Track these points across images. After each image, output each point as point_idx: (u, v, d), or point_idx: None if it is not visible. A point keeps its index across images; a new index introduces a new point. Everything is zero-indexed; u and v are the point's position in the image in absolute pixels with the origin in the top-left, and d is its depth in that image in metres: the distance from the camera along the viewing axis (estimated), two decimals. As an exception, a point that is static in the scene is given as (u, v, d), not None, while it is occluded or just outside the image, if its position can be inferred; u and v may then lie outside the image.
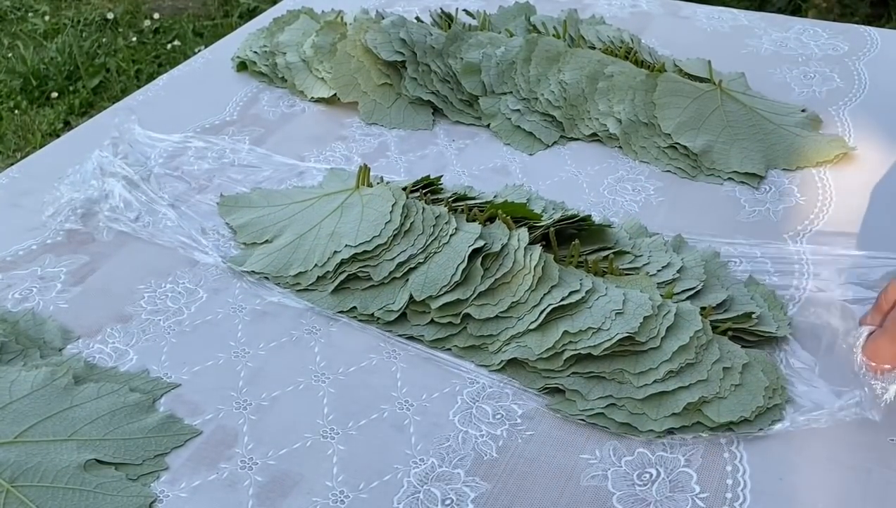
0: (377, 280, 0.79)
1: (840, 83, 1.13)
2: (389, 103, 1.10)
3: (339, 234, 0.83)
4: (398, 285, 0.79)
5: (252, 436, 0.69)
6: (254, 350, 0.77)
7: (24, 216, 0.92)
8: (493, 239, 0.78)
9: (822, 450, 0.67)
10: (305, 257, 0.82)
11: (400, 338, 0.77)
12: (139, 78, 2.87)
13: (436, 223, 0.81)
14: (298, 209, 0.88)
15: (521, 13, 1.22)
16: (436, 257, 0.78)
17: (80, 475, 0.64)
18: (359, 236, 0.81)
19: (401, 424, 0.70)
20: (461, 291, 0.76)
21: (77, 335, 0.78)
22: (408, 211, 0.82)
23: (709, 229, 0.89)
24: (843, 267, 0.83)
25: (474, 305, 0.76)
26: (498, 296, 0.75)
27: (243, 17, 3.19)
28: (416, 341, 0.77)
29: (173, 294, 0.83)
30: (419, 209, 0.82)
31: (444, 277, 0.76)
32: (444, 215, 0.81)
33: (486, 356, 0.74)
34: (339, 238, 0.82)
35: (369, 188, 0.87)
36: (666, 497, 0.64)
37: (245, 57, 1.18)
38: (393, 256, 0.80)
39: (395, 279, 0.79)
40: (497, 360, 0.74)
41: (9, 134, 2.62)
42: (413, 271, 0.78)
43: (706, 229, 0.89)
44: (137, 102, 1.13)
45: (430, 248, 0.79)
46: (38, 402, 0.69)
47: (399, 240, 0.81)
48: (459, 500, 0.64)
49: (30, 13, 3.26)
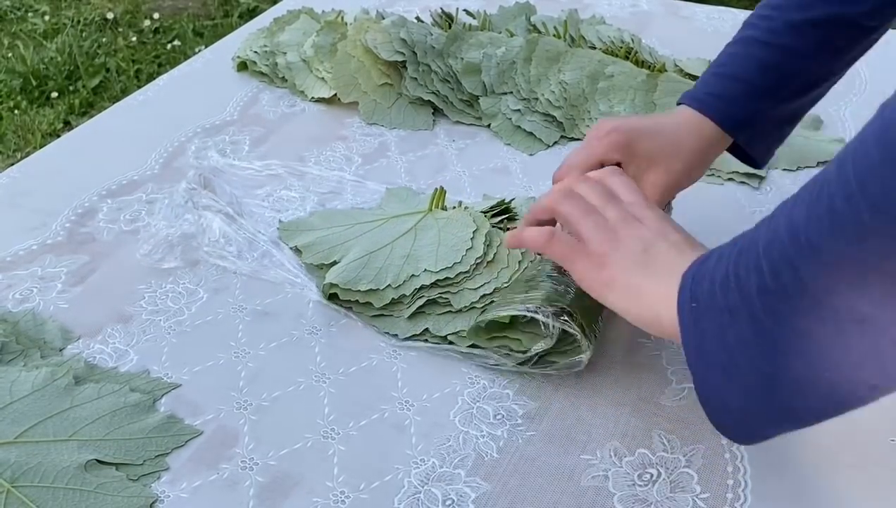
0: (456, 308, 0.77)
1: (840, 83, 1.13)
2: (390, 103, 1.10)
3: (415, 257, 0.80)
4: (475, 313, 0.76)
5: (252, 436, 0.69)
6: (254, 350, 0.77)
7: (24, 216, 0.92)
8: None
9: (822, 450, 0.67)
10: (377, 276, 0.79)
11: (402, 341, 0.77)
12: (139, 78, 2.87)
13: (521, 259, 0.80)
14: (365, 229, 0.85)
15: (521, 13, 1.22)
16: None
17: (81, 475, 0.64)
18: (438, 261, 0.79)
19: (401, 424, 0.70)
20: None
21: (77, 335, 0.78)
22: (490, 240, 0.81)
23: (709, 230, 0.89)
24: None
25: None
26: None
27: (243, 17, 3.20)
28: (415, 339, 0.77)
29: (173, 294, 0.83)
30: (502, 240, 0.81)
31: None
32: (528, 254, 0.80)
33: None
34: (415, 261, 0.79)
35: (444, 211, 0.85)
36: (667, 497, 0.64)
37: (245, 57, 1.18)
38: (476, 285, 0.78)
39: (474, 307, 0.77)
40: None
41: (9, 134, 2.62)
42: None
43: (707, 229, 0.89)
44: (137, 102, 1.13)
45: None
46: (38, 402, 0.69)
47: (481, 270, 0.79)
48: (460, 500, 0.64)
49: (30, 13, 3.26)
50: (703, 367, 0.57)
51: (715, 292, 0.56)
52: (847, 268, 0.48)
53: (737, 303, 0.54)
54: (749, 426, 0.58)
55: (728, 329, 0.54)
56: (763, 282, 0.52)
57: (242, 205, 0.93)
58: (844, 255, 0.48)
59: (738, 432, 0.59)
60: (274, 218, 0.91)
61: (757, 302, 0.53)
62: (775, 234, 0.52)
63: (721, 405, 0.57)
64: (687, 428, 0.69)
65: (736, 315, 0.54)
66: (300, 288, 0.82)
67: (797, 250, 0.50)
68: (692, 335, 0.57)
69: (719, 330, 0.55)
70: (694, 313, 0.57)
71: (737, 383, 0.55)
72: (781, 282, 0.51)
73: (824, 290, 0.49)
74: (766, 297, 0.52)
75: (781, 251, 0.51)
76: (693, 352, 0.57)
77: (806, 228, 0.50)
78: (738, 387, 0.55)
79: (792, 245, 0.51)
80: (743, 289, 0.54)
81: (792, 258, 0.50)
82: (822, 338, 0.50)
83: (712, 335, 0.56)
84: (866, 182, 0.46)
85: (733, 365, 0.55)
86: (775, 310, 0.52)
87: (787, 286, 0.51)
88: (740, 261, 0.54)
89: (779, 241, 0.52)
